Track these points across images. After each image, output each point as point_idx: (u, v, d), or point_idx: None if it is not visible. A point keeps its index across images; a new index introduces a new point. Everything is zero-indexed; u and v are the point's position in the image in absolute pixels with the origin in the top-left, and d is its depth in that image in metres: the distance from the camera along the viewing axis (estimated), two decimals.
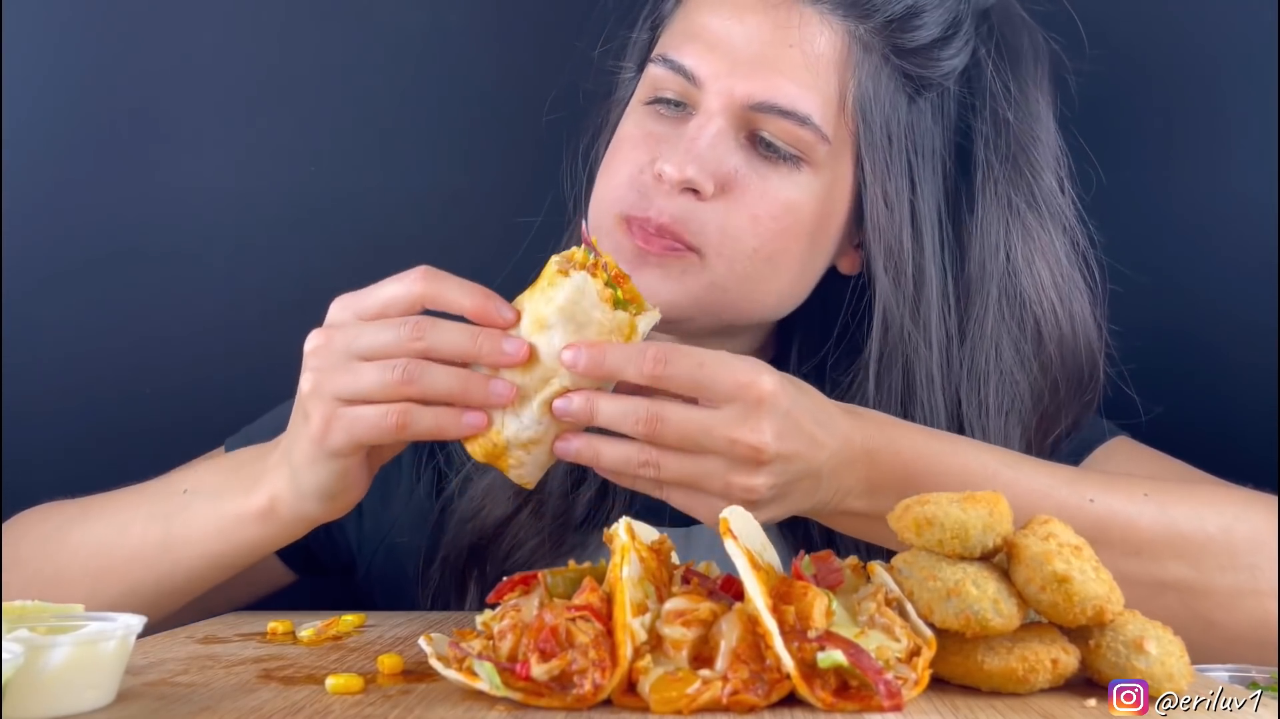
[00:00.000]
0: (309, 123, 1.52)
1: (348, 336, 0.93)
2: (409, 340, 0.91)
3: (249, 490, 1.02)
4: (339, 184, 1.51)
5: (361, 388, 0.92)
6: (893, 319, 1.11)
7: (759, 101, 1.07)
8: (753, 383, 0.91)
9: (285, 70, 1.51)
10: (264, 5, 1.52)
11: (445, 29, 1.51)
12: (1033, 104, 1.15)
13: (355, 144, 1.51)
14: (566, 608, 0.78)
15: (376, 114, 1.52)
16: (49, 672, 0.72)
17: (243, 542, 1.04)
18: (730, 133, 1.08)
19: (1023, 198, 1.13)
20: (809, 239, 1.10)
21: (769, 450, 0.90)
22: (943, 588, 0.79)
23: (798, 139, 1.08)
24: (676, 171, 1.06)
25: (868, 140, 1.09)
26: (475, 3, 1.53)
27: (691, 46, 1.10)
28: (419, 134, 1.51)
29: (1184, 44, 1.44)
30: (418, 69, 1.52)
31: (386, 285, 0.94)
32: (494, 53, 1.51)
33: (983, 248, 1.13)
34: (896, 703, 0.73)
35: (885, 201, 1.10)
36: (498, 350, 0.91)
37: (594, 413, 0.91)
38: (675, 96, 1.11)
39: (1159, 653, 0.79)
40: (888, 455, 0.97)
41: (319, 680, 0.82)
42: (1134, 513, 0.99)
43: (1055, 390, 1.14)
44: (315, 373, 0.94)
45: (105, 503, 1.13)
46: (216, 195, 1.50)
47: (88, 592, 1.06)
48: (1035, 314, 1.13)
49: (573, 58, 1.29)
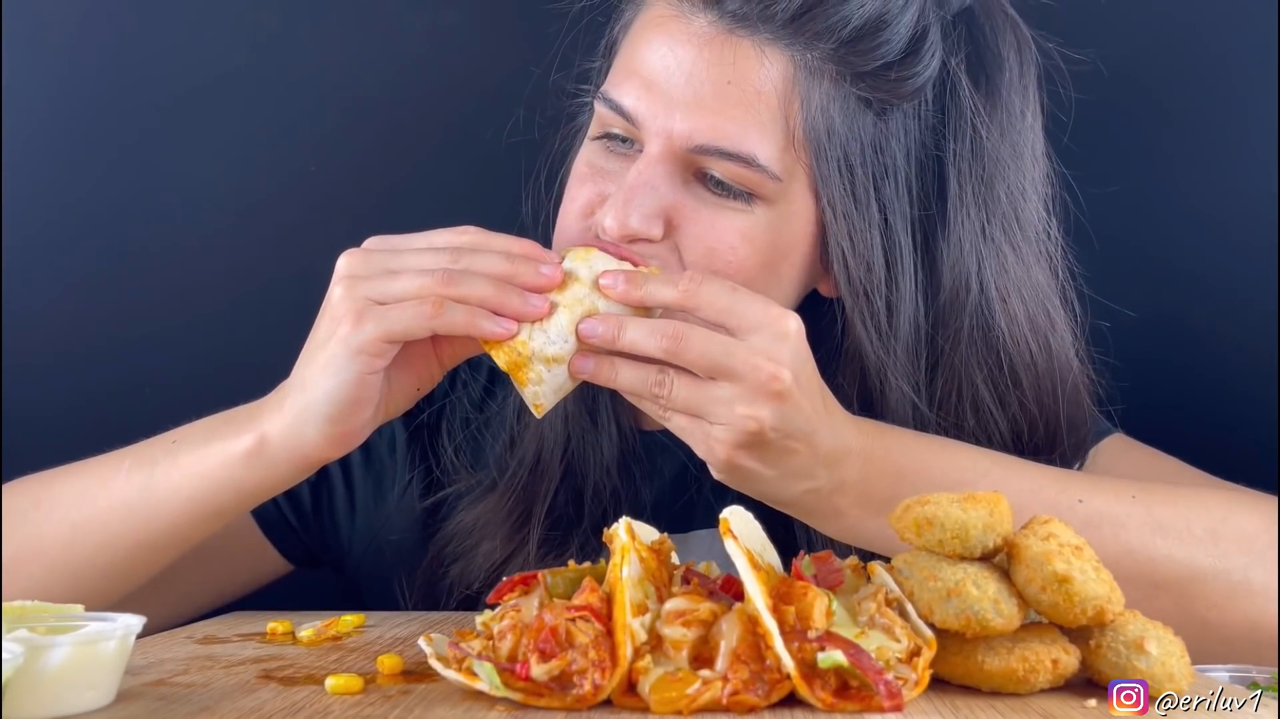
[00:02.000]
0: (309, 123, 1.52)
1: (385, 254, 0.95)
2: (447, 260, 0.94)
3: (239, 433, 1.00)
4: (339, 184, 1.51)
5: (397, 291, 0.93)
6: (865, 347, 1.07)
7: (698, 145, 1.02)
8: (782, 316, 0.93)
9: (285, 70, 1.51)
10: (264, 5, 1.52)
11: (446, 29, 1.52)
12: (1013, 116, 1.09)
13: (355, 144, 1.52)
14: (566, 608, 0.78)
15: (376, 114, 1.52)
16: (49, 672, 0.72)
17: (227, 483, 1.00)
18: (675, 174, 1.04)
19: (998, 225, 1.08)
20: (771, 269, 1.06)
21: (785, 380, 0.91)
22: (943, 588, 0.79)
23: (744, 179, 1.03)
24: (617, 227, 1.02)
25: (822, 174, 1.03)
26: (475, 3, 1.53)
27: (629, 85, 1.05)
28: (419, 134, 1.52)
29: (1185, 42, 1.44)
30: (418, 69, 1.52)
31: (433, 233, 0.97)
32: (494, 53, 1.51)
33: (955, 278, 1.08)
34: (897, 703, 0.73)
35: (849, 232, 1.05)
36: (534, 272, 0.94)
37: (619, 335, 0.94)
38: (622, 133, 1.07)
39: (1159, 653, 0.79)
40: (880, 453, 0.98)
41: (319, 681, 0.82)
42: (1122, 514, 0.99)
43: (1035, 429, 1.11)
44: (348, 280, 0.95)
45: (93, 460, 1.10)
46: (216, 195, 1.50)
47: (65, 541, 1.04)
48: (1010, 351, 1.09)
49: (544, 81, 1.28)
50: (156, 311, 1.49)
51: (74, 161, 1.50)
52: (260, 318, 1.48)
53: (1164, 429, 1.23)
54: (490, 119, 1.51)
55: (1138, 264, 1.30)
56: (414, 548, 1.20)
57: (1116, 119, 1.40)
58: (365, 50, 1.52)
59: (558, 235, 1.11)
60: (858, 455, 0.97)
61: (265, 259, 1.50)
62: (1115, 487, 1.02)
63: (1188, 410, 1.40)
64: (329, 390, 0.95)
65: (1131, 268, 1.25)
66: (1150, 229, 1.40)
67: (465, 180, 1.51)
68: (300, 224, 1.50)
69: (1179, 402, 1.39)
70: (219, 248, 1.50)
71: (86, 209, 1.49)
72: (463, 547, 1.16)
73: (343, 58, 1.52)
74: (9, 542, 1.06)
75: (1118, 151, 1.42)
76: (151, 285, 1.50)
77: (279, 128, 1.51)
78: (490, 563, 1.14)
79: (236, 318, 1.49)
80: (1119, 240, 1.22)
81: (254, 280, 1.50)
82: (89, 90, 1.50)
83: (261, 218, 1.50)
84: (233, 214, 1.50)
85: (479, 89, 1.51)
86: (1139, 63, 1.43)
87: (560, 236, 1.10)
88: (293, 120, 1.52)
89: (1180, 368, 1.40)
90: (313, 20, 1.52)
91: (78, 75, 1.50)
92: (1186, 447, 1.20)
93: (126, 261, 1.49)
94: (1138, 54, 1.43)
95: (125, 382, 1.48)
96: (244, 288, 1.50)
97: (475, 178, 1.50)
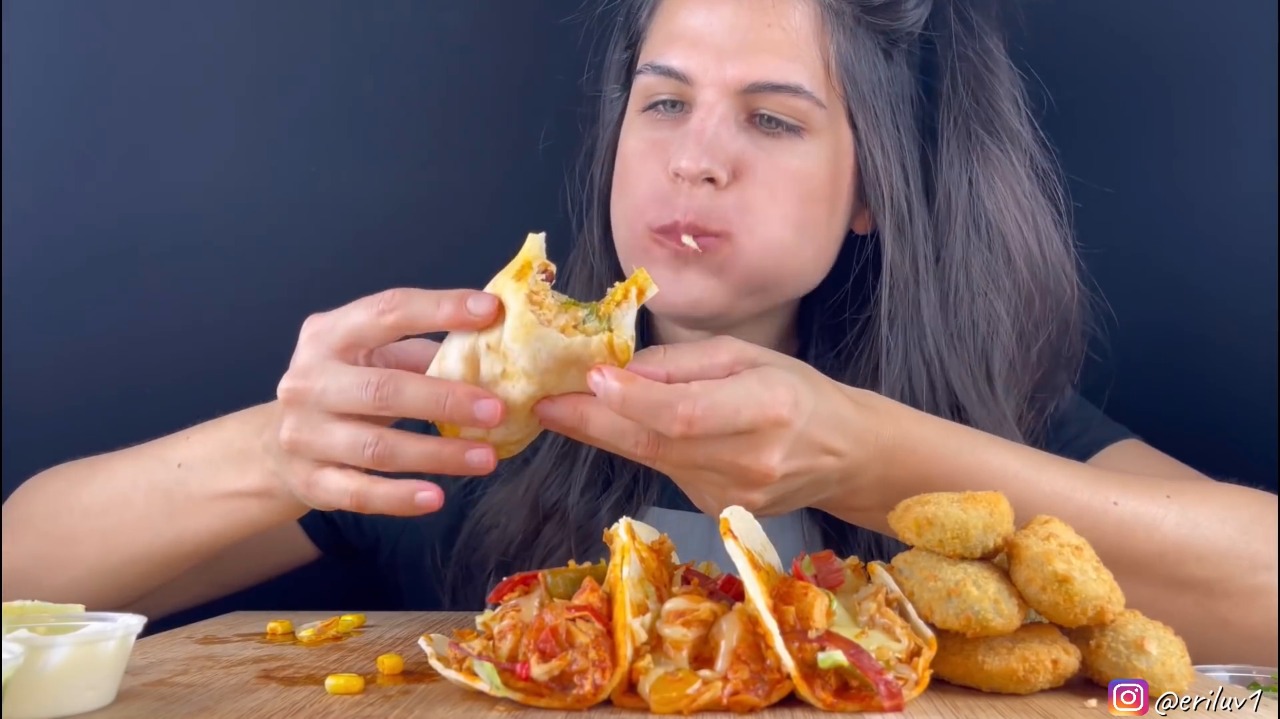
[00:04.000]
0: (308, 122, 1.52)
1: (316, 392, 0.90)
2: (375, 408, 0.88)
3: (241, 472, 1.02)
4: (339, 184, 1.51)
5: (337, 453, 0.90)
6: (897, 267, 1.14)
7: (752, 82, 1.10)
8: (768, 415, 0.87)
9: (284, 70, 1.51)
10: (264, 5, 1.52)
11: (446, 28, 1.51)
12: (988, 38, 1.19)
13: (355, 144, 1.51)
14: (566, 608, 0.78)
15: (376, 114, 1.52)
16: (49, 672, 0.72)
17: (245, 519, 1.04)
18: (731, 118, 1.11)
19: (981, 125, 1.17)
20: (827, 203, 1.14)
21: (775, 475, 0.89)
22: (943, 588, 0.79)
23: (795, 109, 1.11)
24: (693, 165, 1.08)
25: (856, 99, 1.13)
26: (476, 3, 1.53)
27: (676, 48, 1.13)
28: (419, 134, 1.52)
29: (1185, 41, 1.44)
30: (418, 69, 1.52)
31: (354, 312, 0.90)
32: (495, 53, 1.52)
33: (948, 178, 1.16)
34: (897, 703, 0.73)
35: (882, 154, 1.14)
36: (468, 416, 0.87)
37: (585, 424, 0.88)
38: (670, 97, 1.14)
39: (1159, 653, 0.79)
40: (904, 453, 0.96)
41: (319, 681, 0.82)
42: (1158, 515, 0.99)
43: (1030, 305, 1.17)
44: (292, 431, 0.92)
45: (110, 466, 1.13)
46: (216, 195, 1.50)
47: (100, 550, 1.09)
48: (1002, 232, 1.16)
49: (558, 85, 1.29)
50: (156, 311, 1.49)
51: (74, 161, 1.50)
52: (260, 318, 1.48)
53: (1165, 428, 1.23)
54: (490, 118, 1.52)
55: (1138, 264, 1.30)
56: (450, 524, 1.22)
57: (1116, 118, 1.40)
58: (366, 50, 1.51)
59: (624, 225, 1.14)
60: (879, 460, 0.95)
61: (265, 259, 1.50)
62: (1149, 487, 1.01)
63: (1187, 411, 1.40)
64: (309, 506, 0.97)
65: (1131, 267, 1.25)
66: (1150, 229, 1.40)
67: (466, 180, 1.51)
68: (300, 224, 1.50)
69: (1179, 402, 1.39)
70: (219, 248, 1.50)
71: (86, 209, 1.49)
72: (498, 517, 1.18)
73: (343, 57, 1.52)
74: (42, 541, 1.11)
75: (1117, 151, 1.42)
76: (152, 285, 1.50)
77: (278, 128, 1.51)
78: (527, 528, 1.17)
79: (236, 318, 1.49)
80: (1117, 243, 1.22)
81: (254, 280, 1.50)
82: (89, 90, 1.50)
83: (261, 218, 1.50)
84: (233, 214, 1.50)
85: (479, 89, 1.51)
86: (1139, 60, 1.43)
87: (627, 224, 1.14)
88: (293, 120, 1.51)
89: (1180, 371, 1.40)
90: (313, 20, 1.52)
91: (78, 75, 1.50)
92: (1187, 447, 1.20)
93: (126, 261, 1.49)
94: (1136, 51, 1.43)
95: (125, 380, 1.48)
96: (244, 288, 1.49)
97: (476, 177, 1.51)
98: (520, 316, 0.85)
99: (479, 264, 1.17)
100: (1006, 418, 1.15)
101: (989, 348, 1.15)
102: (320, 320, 0.91)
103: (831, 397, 0.93)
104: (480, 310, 0.86)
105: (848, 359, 1.16)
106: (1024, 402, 1.18)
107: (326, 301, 0.97)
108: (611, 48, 1.24)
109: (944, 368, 1.14)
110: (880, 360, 1.14)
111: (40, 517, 1.14)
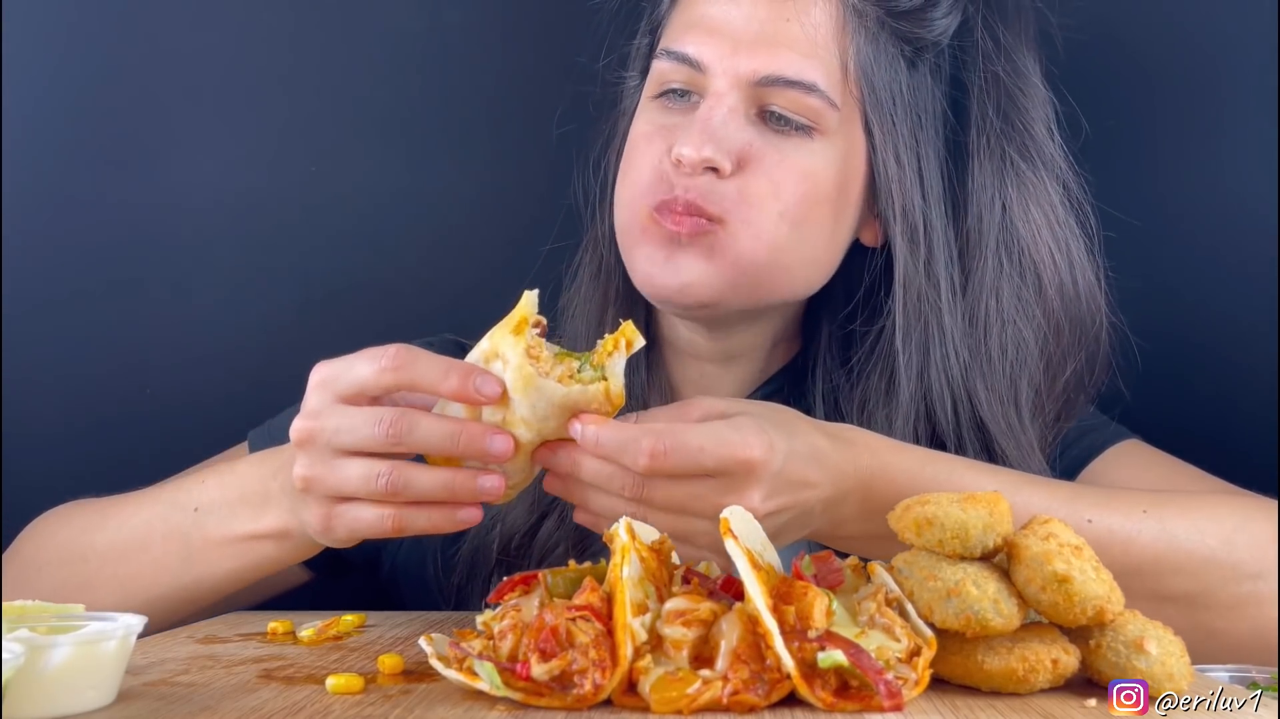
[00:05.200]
0: (309, 123, 1.52)
1: (328, 432, 0.92)
2: (388, 444, 0.90)
3: (258, 514, 1.03)
4: (339, 184, 1.51)
5: (351, 488, 0.92)
6: (911, 281, 1.13)
7: (765, 75, 1.10)
8: (736, 457, 0.90)
9: (285, 70, 1.51)
10: (264, 6, 1.52)
11: (447, 28, 1.52)
12: (1020, 59, 1.17)
13: (355, 144, 1.51)
14: (567, 608, 0.78)
15: (377, 114, 1.52)
16: (49, 672, 0.72)
17: (262, 559, 1.05)
18: (741, 110, 1.10)
19: (1015, 148, 1.15)
20: (830, 206, 1.12)
21: (759, 514, 0.90)
22: (943, 588, 0.79)
23: (807, 108, 1.10)
24: (694, 152, 1.08)
25: (873, 104, 1.12)
26: (477, 2, 1.53)
27: (692, 35, 1.13)
28: (420, 134, 1.51)
29: (1184, 42, 1.44)
30: (419, 69, 1.52)
31: (359, 364, 0.92)
32: (497, 53, 1.51)
33: (979, 200, 1.14)
34: (897, 703, 0.73)
35: (896, 163, 1.12)
36: (482, 451, 0.90)
37: (578, 469, 0.92)
38: (682, 86, 1.14)
39: (1159, 653, 0.79)
40: (883, 483, 0.97)
41: (319, 680, 0.82)
42: (1133, 530, 0.99)
43: (1059, 334, 1.16)
44: (305, 469, 0.93)
45: (123, 510, 1.13)
46: (217, 195, 1.50)
47: (118, 596, 1.08)
48: (1034, 260, 1.15)
49: (574, 71, 1.29)
50: (156, 312, 1.49)
51: (74, 163, 1.50)
52: (260, 318, 1.48)
53: (1165, 429, 1.23)
54: (493, 120, 1.52)
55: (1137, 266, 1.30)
56: (445, 542, 1.21)
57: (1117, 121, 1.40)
58: (366, 49, 1.51)
59: (624, 205, 1.14)
60: (858, 491, 0.97)
61: (266, 260, 1.50)
62: (1126, 501, 1.01)
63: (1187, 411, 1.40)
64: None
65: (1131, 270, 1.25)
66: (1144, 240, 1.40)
67: (465, 179, 1.51)
68: (300, 224, 1.50)
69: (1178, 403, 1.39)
70: (220, 248, 1.50)
71: (87, 209, 1.49)
72: (498, 513, 1.18)
73: (343, 57, 1.52)
74: (59, 589, 1.09)
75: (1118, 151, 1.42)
76: (152, 285, 1.49)
77: (279, 128, 1.51)
78: (526, 525, 1.17)
79: (237, 319, 1.49)
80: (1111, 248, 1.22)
81: (254, 281, 1.50)
82: (90, 90, 1.50)
83: (262, 218, 1.50)
84: (233, 214, 1.50)
85: (480, 88, 1.51)
86: (1136, 63, 1.43)
87: (628, 203, 1.13)
88: (293, 120, 1.51)
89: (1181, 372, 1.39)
90: (314, 19, 1.52)
91: (78, 76, 1.50)
92: (1187, 448, 1.20)
93: (127, 262, 1.49)
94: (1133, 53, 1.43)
95: (126, 382, 1.48)
96: (244, 288, 1.49)
97: (475, 177, 1.51)
98: (520, 369, 0.89)
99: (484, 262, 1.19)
100: (1034, 448, 1.14)
101: (1017, 376, 1.14)
102: (327, 368, 0.94)
103: (806, 433, 0.96)
104: (487, 392, 0.90)
105: (860, 374, 1.15)
106: (1048, 430, 1.17)
107: (327, 303, 0.97)
108: (639, 34, 1.23)
109: (970, 395, 1.13)
110: (897, 377, 1.13)
111: (54, 563, 1.13)
